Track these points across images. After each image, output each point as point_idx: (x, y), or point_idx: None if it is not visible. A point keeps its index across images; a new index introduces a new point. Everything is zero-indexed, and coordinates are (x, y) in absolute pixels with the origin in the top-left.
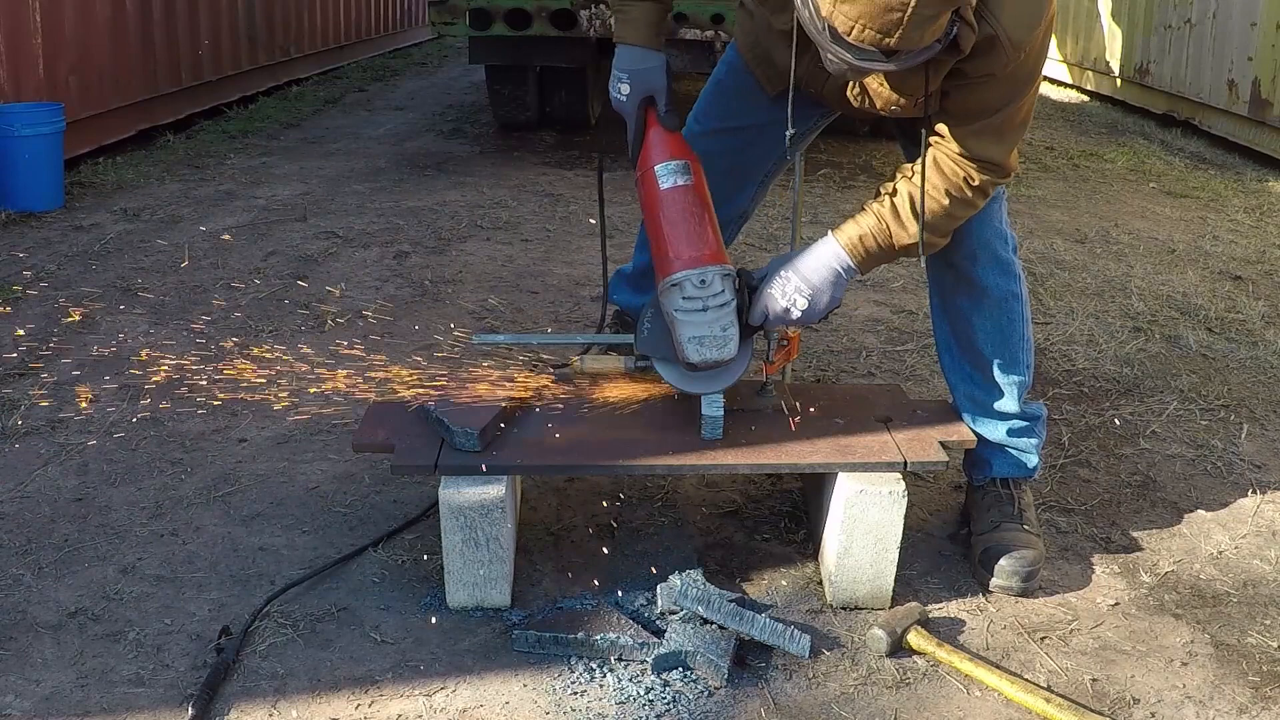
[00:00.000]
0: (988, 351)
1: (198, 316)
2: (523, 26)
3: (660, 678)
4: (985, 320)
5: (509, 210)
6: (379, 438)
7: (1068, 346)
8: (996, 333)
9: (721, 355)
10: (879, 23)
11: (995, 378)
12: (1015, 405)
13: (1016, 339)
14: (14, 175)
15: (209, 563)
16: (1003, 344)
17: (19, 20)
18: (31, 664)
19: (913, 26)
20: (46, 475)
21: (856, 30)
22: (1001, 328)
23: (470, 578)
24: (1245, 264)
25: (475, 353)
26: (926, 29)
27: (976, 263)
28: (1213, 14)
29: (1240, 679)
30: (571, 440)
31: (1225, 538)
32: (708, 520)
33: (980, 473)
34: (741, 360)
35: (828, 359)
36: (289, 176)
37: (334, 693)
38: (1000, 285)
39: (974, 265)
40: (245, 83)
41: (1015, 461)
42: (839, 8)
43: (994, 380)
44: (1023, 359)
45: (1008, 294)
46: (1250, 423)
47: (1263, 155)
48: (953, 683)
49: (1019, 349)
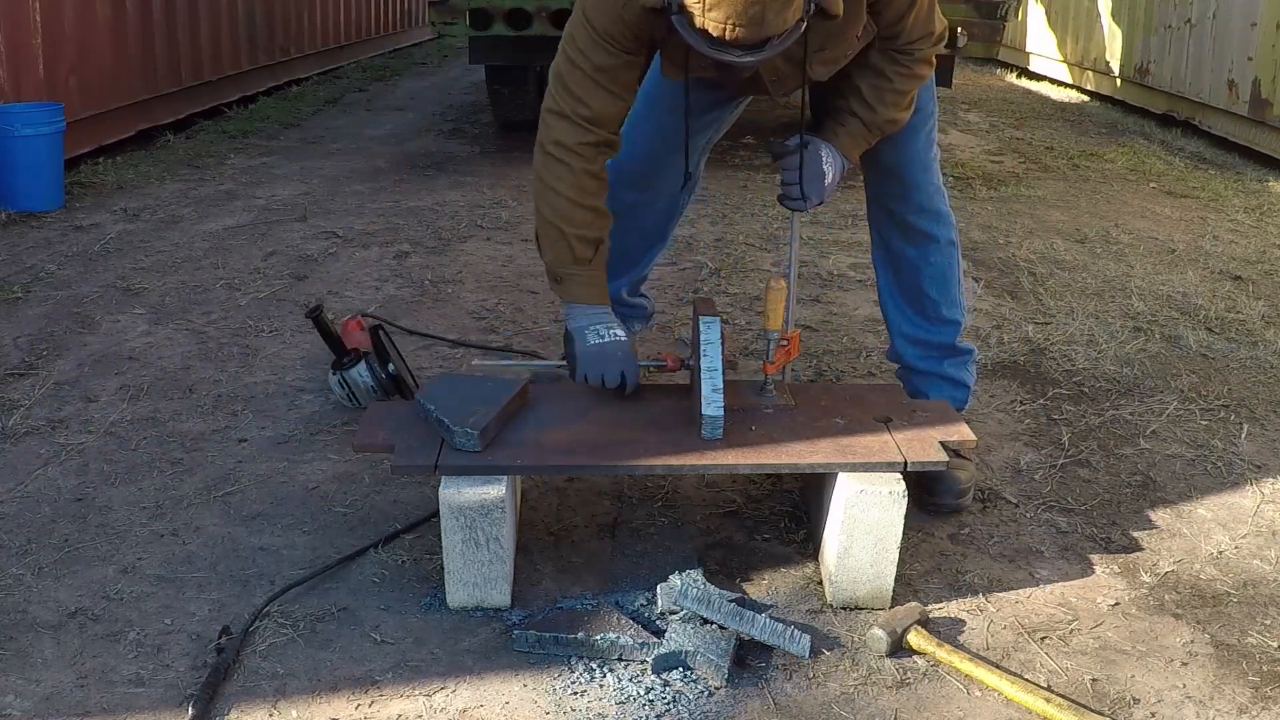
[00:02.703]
0: (933, 293)
1: (198, 316)
2: (523, 26)
3: (660, 678)
4: (930, 266)
5: (509, 210)
6: (379, 438)
7: (1068, 346)
8: (940, 276)
9: None
10: (745, 18)
11: (939, 315)
12: (953, 340)
13: (955, 281)
14: (14, 175)
15: (209, 563)
16: (945, 286)
17: (19, 20)
18: (31, 664)
19: (774, 12)
20: (46, 475)
21: (729, 31)
22: (943, 271)
23: (470, 578)
24: (1245, 264)
25: None
26: (787, 10)
27: (923, 215)
28: (1213, 14)
29: (1240, 679)
30: (571, 440)
31: (1225, 538)
32: (708, 520)
33: None
34: None
35: (828, 359)
36: (289, 176)
37: (334, 693)
38: (943, 233)
39: (920, 217)
40: (245, 83)
41: (949, 394)
42: (707, 16)
43: (938, 317)
44: (960, 300)
45: (948, 241)
46: (1250, 423)
47: (1263, 155)
48: (953, 683)
49: (957, 289)
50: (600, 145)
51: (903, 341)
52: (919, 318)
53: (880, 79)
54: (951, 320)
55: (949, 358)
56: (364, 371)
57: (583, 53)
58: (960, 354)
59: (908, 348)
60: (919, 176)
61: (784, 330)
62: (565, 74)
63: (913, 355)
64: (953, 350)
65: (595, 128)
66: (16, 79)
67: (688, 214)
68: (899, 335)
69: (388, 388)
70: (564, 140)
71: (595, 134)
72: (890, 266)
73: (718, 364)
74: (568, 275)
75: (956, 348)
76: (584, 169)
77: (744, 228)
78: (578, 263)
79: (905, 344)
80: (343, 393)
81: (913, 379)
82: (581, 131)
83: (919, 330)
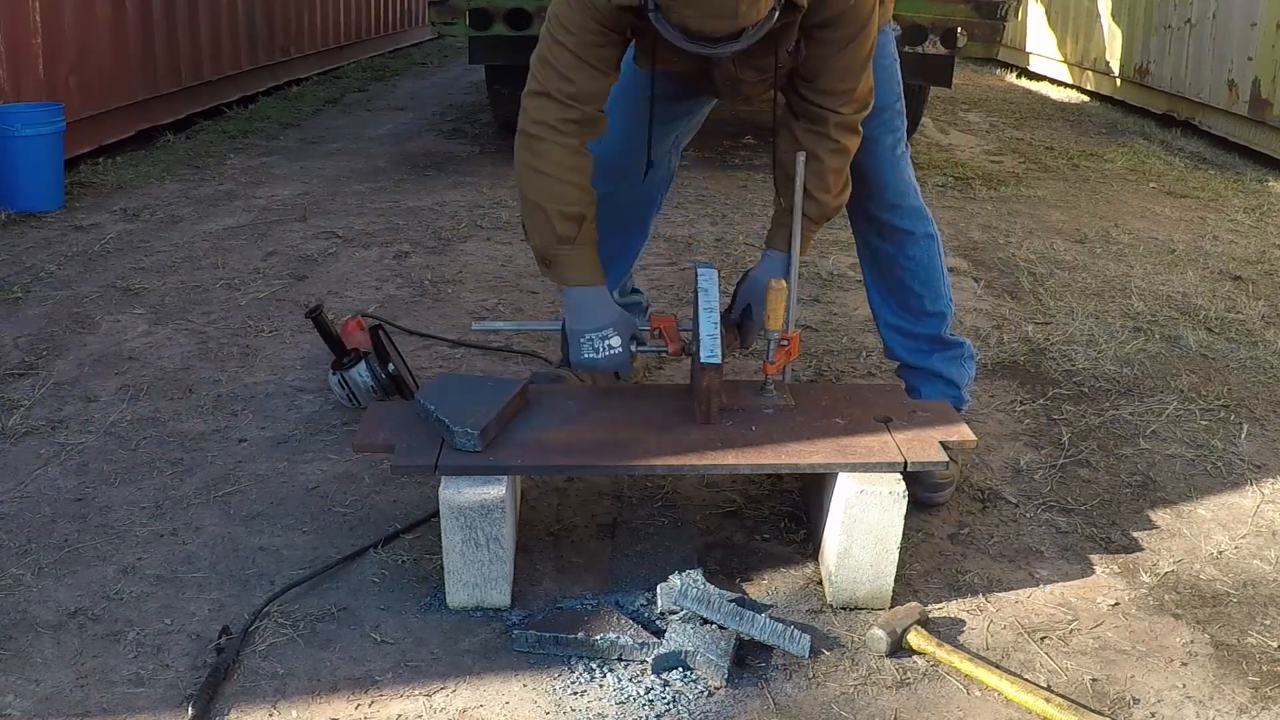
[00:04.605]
0: (916, 287)
1: (198, 316)
2: (523, 26)
3: (660, 678)
4: (909, 260)
5: (509, 210)
6: (379, 438)
7: (1068, 346)
8: (920, 269)
9: None
10: (718, 10)
11: (921, 308)
12: (939, 332)
13: (937, 273)
14: (14, 175)
15: (209, 563)
16: (926, 279)
17: (19, 20)
18: (31, 664)
19: (747, 4)
20: (46, 475)
21: (704, 24)
22: (924, 264)
23: (470, 578)
24: (1245, 264)
25: None
26: (760, 1)
27: (896, 212)
28: (1213, 14)
29: (1240, 679)
30: (571, 440)
31: (1225, 538)
32: (708, 520)
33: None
34: None
35: (828, 359)
36: (289, 176)
37: (334, 693)
38: (919, 227)
39: (894, 215)
40: (245, 83)
41: (945, 392)
42: (683, 12)
43: (921, 310)
44: (944, 292)
45: (925, 235)
46: (1250, 423)
47: (1263, 155)
48: (953, 683)
49: (940, 282)
50: (583, 123)
51: (891, 334)
52: (903, 311)
53: (815, 163)
54: (936, 313)
55: (937, 350)
56: (364, 371)
57: (566, 29)
58: (949, 346)
59: (896, 340)
60: (888, 177)
61: (784, 330)
62: (548, 53)
63: (902, 349)
64: (940, 342)
65: (578, 104)
66: (16, 79)
67: (688, 214)
68: (886, 328)
69: (388, 388)
70: (546, 118)
71: (578, 110)
72: (872, 263)
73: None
74: (555, 257)
75: (944, 339)
76: (566, 144)
77: (744, 228)
78: (562, 241)
79: (893, 336)
80: (343, 392)
81: (906, 375)
82: (564, 108)
83: (905, 322)
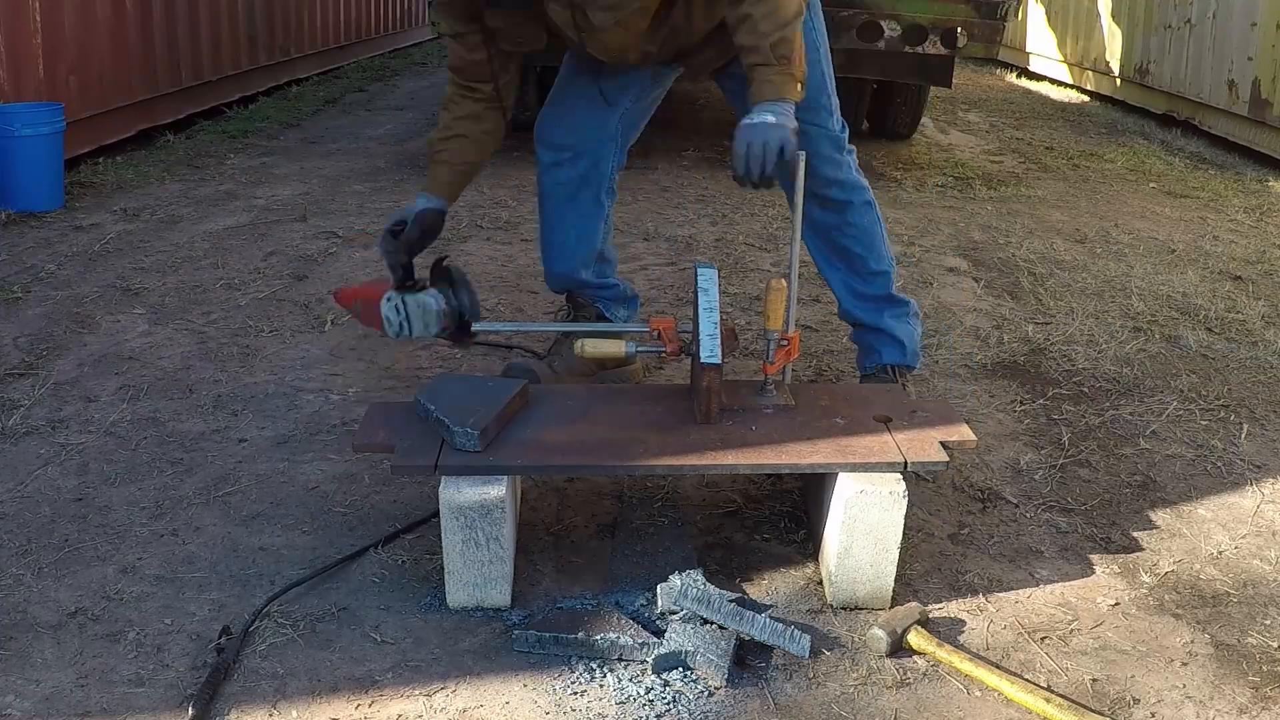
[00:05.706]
0: (858, 249)
1: (198, 316)
2: None
3: (660, 678)
4: (851, 226)
5: (509, 210)
6: (379, 438)
7: (1068, 346)
8: (863, 234)
9: None
10: None
11: (867, 268)
12: (887, 290)
13: (878, 234)
14: (14, 175)
15: (209, 563)
16: (869, 241)
17: (19, 20)
18: (31, 664)
19: None
20: (46, 475)
21: None
22: (865, 229)
23: (470, 578)
24: (1245, 264)
25: None
26: None
27: (832, 186)
28: (1213, 14)
29: (1240, 679)
30: (572, 440)
31: (1225, 538)
32: (708, 520)
33: (870, 360)
34: None
35: (828, 359)
36: (289, 176)
37: (334, 693)
38: (857, 196)
39: (830, 189)
40: (245, 83)
41: (899, 350)
42: None
43: (867, 270)
44: (884, 251)
45: (863, 203)
46: (1250, 423)
47: (1263, 155)
48: (953, 683)
49: (880, 243)
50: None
51: (847, 294)
52: (851, 273)
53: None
54: (880, 271)
55: (887, 309)
56: (436, 296)
57: None
58: (897, 304)
59: (852, 302)
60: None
61: (784, 330)
62: None
63: (858, 309)
64: (890, 300)
65: (455, 75)
66: (16, 79)
67: (688, 214)
68: (840, 288)
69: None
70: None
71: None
72: (817, 234)
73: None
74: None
75: (893, 297)
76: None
77: (744, 228)
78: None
79: (849, 297)
80: (399, 319)
81: (861, 337)
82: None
83: (852, 280)
